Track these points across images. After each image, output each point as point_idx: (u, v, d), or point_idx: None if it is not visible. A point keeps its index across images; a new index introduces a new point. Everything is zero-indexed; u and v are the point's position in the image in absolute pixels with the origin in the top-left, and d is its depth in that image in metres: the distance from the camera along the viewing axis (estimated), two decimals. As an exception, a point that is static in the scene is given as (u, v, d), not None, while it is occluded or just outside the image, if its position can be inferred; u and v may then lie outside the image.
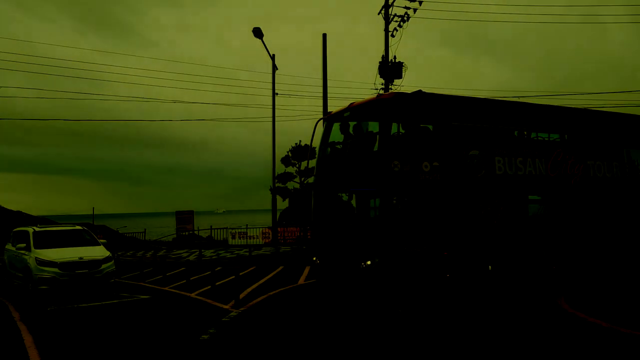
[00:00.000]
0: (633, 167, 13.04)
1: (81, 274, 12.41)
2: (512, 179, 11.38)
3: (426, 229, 10.40)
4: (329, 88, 23.78)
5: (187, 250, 27.97)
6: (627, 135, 13.50)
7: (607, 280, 11.93)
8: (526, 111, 12.54)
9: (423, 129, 11.83)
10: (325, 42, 23.99)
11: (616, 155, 12.90)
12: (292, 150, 24.27)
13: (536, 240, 11.60)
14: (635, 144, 13.38)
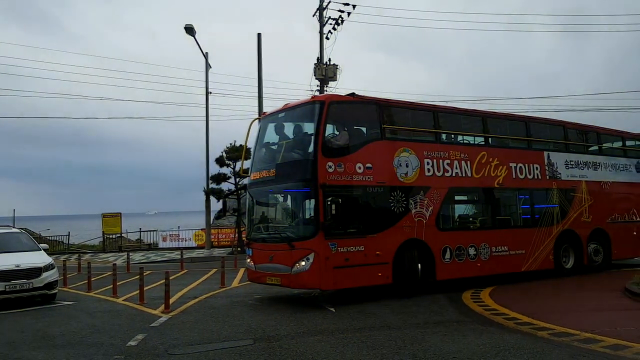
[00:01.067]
0: (552, 169, 13.89)
1: (18, 284, 11.10)
2: (440, 180, 11.78)
3: (361, 229, 10.56)
4: (264, 88, 23.66)
5: (115, 254, 26.94)
6: (547, 139, 14.38)
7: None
8: (454, 115, 13.05)
9: (357, 130, 12.06)
10: (260, 42, 23.87)
11: (537, 158, 13.69)
12: (227, 150, 23.91)
13: (463, 237, 12.11)
14: (555, 147, 14.27)
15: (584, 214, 14.27)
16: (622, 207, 15.41)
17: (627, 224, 15.36)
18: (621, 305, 9.66)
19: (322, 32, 23.48)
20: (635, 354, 6.18)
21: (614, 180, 15.26)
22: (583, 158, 14.66)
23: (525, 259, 12.97)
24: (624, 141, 16.27)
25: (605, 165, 15.17)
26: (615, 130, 16.21)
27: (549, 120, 14.97)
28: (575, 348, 6.58)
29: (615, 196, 15.27)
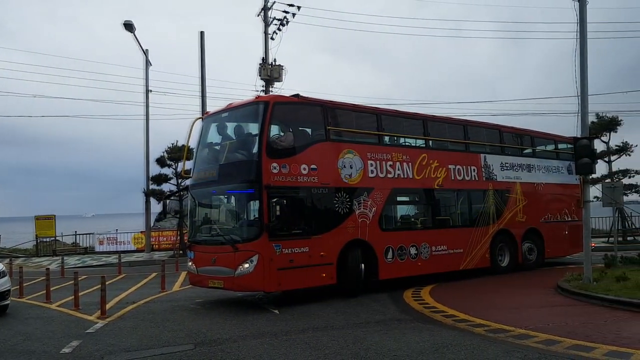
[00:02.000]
0: (489, 170, 14.41)
1: None
2: (383, 181, 11.97)
3: (306, 230, 10.56)
4: (208, 87, 23.30)
5: (49, 258, 25.68)
6: (484, 142, 14.92)
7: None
8: (396, 118, 13.28)
9: (301, 132, 12.06)
10: (202, 40, 23.48)
11: (474, 160, 14.16)
12: (168, 150, 23.33)
13: (405, 237, 12.38)
14: (491, 150, 14.83)
15: (518, 214, 14.90)
16: (555, 208, 16.20)
17: (559, 224, 16.15)
18: (553, 301, 10.13)
19: (267, 33, 23.36)
20: (566, 348, 6.48)
21: (547, 181, 16.03)
22: (517, 160, 15.32)
23: (463, 257, 13.41)
24: (556, 144, 17.09)
25: (538, 167, 15.89)
26: (548, 134, 17.04)
27: (485, 124, 15.54)
28: (510, 344, 6.84)
29: (548, 197, 16.04)
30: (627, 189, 23.47)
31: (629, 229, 24.17)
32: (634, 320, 8.04)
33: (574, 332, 7.31)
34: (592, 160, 10.68)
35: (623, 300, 9.05)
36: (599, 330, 7.40)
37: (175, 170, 23.40)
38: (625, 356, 6.01)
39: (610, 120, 23.16)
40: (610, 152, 23.58)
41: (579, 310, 9.09)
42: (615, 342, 6.66)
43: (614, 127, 23.21)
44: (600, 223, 26.50)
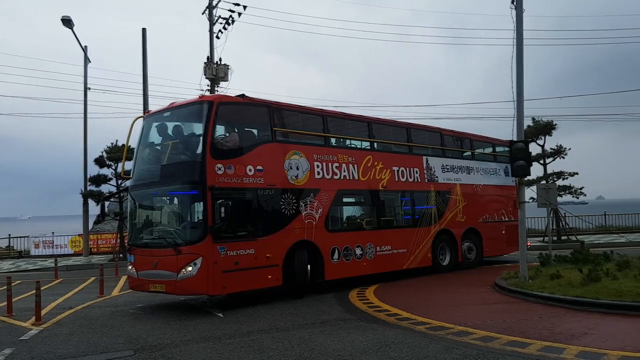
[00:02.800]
0: (431, 172, 14.78)
1: None
2: (329, 183, 12.03)
3: (251, 232, 10.45)
4: (152, 86, 22.68)
5: (-23, 263, 24.23)
6: (426, 144, 15.29)
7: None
8: (342, 120, 13.39)
9: (247, 132, 11.94)
10: (145, 38, 22.86)
11: (417, 163, 14.49)
12: (108, 150, 22.52)
13: (351, 238, 12.50)
14: (433, 152, 15.22)
15: (458, 215, 15.37)
16: (493, 208, 16.81)
17: (497, 224, 16.77)
18: (491, 299, 10.48)
19: (212, 31, 23.00)
20: (503, 344, 6.71)
21: (485, 183, 16.61)
22: (458, 163, 15.80)
23: (406, 257, 13.69)
24: (494, 147, 17.75)
25: (477, 169, 16.45)
26: (487, 137, 17.64)
27: (427, 127, 15.93)
28: (450, 341, 7.02)
29: (487, 198, 16.63)
30: (562, 190, 24.62)
31: (563, 229, 25.38)
32: (567, 316, 8.42)
33: (510, 328, 7.59)
34: (527, 163, 11.14)
35: (556, 297, 9.48)
36: (534, 326, 7.71)
37: (115, 170, 22.65)
38: (558, 351, 6.28)
39: (546, 125, 24.24)
40: (545, 155, 24.68)
41: (515, 307, 9.44)
42: (550, 337, 6.94)
43: (549, 131, 24.30)
44: (536, 223, 27.74)
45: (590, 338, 6.82)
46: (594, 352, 6.13)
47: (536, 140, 24.47)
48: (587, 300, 8.91)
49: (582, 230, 27.20)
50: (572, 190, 24.73)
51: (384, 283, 12.93)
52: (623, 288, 9.06)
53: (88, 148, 24.50)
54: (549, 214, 17.91)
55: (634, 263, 11.25)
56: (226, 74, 22.41)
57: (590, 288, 9.44)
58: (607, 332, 7.14)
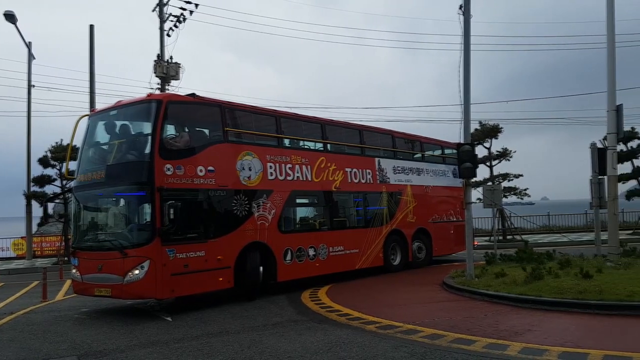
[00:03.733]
0: (383, 174, 14.99)
1: None
2: (282, 184, 12.00)
3: (202, 234, 10.28)
4: (101, 84, 22.02)
5: None
6: (378, 146, 15.49)
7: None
8: (296, 121, 13.38)
9: (198, 132, 11.75)
10: (92, 34, 22.17)
11: (369, 164, 14.66)
12: (52, 150, 21.65)
13: (304, 239, 12.50)
14: (385, 154, 15.42)
15: (409, 215, 15.66)
16: (442, 209, 17.22)
17: (446, 224, 17.19)
18: (439, 297, 10.72)
19: (163, 29, 22.50)
20: (450, 342, 6.88)
21: (435, 184, 17.00)
22: (409, 164, 16.10)
23: (359, 257, 13.82)
24: (443, 150, 18.18)
25: (427, 171, 16.81)
26: (436, 140, 18.05)
27: (379, 129, 16.13)
28: (399, 339, 7.13)
29: (436, 199, 17.01)
30: (507, 192, 25.49)
31: (508, 229, 26.28)
32: (511, 313, 8.72)
33: (457, 326, 7.79)
34: (473, 165, 11.46)
35: (501, 295, 9.79)
36: (479, 323, 7.93)
37: (60, 171, 21.81)
38: (502, 348, 6.48)
39: (492, 128, 25.06)
40: (491, 157, 25.50)
41: (462, 305, 9.70)
42: (494, 334, 7.17)
43: (496, 134, 25.14)
44: (482, 223, 28.59)
45: (532, 335, 7.08)
46: (537, 349, 6.36)
47: (483, 143, 25.25)
48: (530, 297, 9.24)
49: (526, 230, 28.27)
50: (517, 191, 25.66)
51: (336, 283, 13.00)
52: (564, 286, 9.45)
53: (32, 147, 23.57)
54: (495, 214, 18.51)
55: (575, 262, 11.78)
56: (177, 72, 21.97)
57: (533, 286, 9.80)
58: (549, 329, 7.43)
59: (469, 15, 11.48)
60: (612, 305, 8.30)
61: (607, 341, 6.62)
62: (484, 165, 25.37)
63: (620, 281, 9.34)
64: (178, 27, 22.54)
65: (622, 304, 8.27)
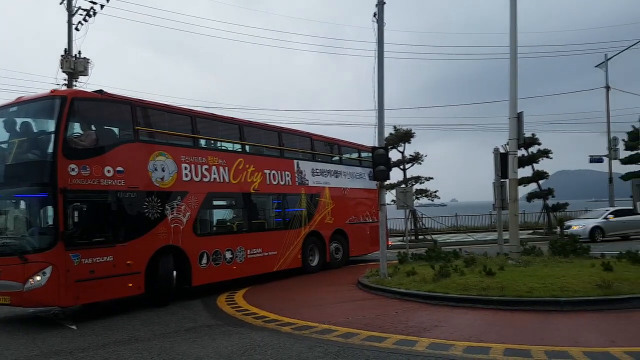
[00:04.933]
0: (302, 176, 15.08)
1: None
2: (198, 185, 11.73)
3: (110, 238, 9.81)
4: (2, 79, 20.31)
5: None
6: (297, 149, 15.57)
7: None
8: (213, 121, 13.13)
9: (107, 131, 11.21)
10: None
11: (288, 166, 14.70)
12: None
13: (221, 241, 12.26)
14: (304, 157, 15.53)
15: (327, 217, 15.88)
16: (359, 210, 17.62)
17: (362, 225, 17.60)
18: (354, 296, 10.95)
19: (71, 23, 21.23)
20: (362, 340, 7.05)
21: (352, 186, 17.36)
22: (327, 167, 16.34)
23: (277, 259, 13.82)
24: (359, 153, 18.61)
25: (344, 173, 17.14)
26: (353, 143, 18.45)
27: (298, 132, 16.23)
28: (314, 339, 7.20)
29: (353, 200, 17.39)
30: (419, 194, 26.59)
31: (420, 229, 27.40)
32: (421, 310, 9.09)
33: (370, 324, 8.00)
34: (387, 168, 11.84)
35: (411, 292, 10.19)
36: (391, 321, 8.20)
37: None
38: (411, 344, 6.74)
39: (405, 133, 26.04)
40: (405, 161, 26.48)
41: (375, 303, 9.97)
42: (404, 331, 7.45)
43: (409, 139, 26.16)
44: (396, 224, 29.61)
45: (440, 330, 7.43)
46: (443, 344, 6.67)
47: (397, 147, 26.18)
48: (438, 294, 9.69)
49: (436, 230, 29.61)
50: (428, 193, 26.84)
51: (254, 286, 12.90)
52: (469, 283, 10.00)
53: None
54: (407, 216, 19.24)
55: (479, 260, 12.49)
56: (86, 68, 20.82)
57: (441, 283, 10.28)
58: (455, 324, 7.81)
59: (383, 23, 11.85)
60: (512, 301, 8.88)
61: (508, 335, 7.06)
62: (397, 168, 26.32)
63: (521, 278, 10.01)
64: (88, 21, 21.38)
65: (522, 299, 8.87)
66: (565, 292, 8.85)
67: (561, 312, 8.32)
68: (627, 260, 11.61)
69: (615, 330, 7.12)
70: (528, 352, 6.13)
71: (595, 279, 9.33)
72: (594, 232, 22.56)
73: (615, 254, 12.37)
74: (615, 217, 22.93)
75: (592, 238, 22.12)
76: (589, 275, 9.81)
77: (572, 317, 7.98)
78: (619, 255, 12.13)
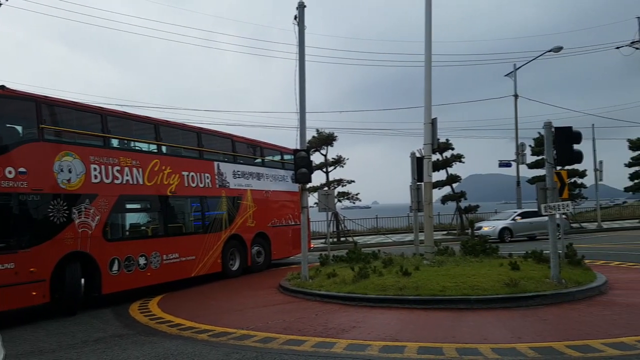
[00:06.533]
0: (222, 178, 14.76)
1: None
2: (109, 188, 11.14)
3: (11, 244, 9.08)
4: None
5: None
6: (218, 150, 15.23)
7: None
8: (126, 120, 12.51)
9: (8, 129, 10.37)
10: None
11: (208, 168, 14.33)
12: None
13: (134, 247, 11.73)
14: (225, 158, 15.23)
15: (249, 220, 15.66)
16: (281, 213, 17.53)
17: (285, 228, 17.52)
18: (275, 300, 10.84)
19: (-30, 9, 19.56)
20: (281, 344, 6.96)
21: (275, 189, 17.25)
22: (249, 169, 16.10)
23: (195, 264, 13.41)
24: (282, 155, 18.54)
25: (267, 175, 16.99)
26: (276, 145, 18.35)
27: (219, 133, 15.89)
28: (231, 346, 7.02)
29: (276, 203, 17.27)
30: (341, 196, 26.97)
31: (342, 231, 27.78)
32: (340, 312, 9.14)
33: (289, 327, 7.93)
34: (308, 170, 11.86)
35: (332, 294, 10.24)
36: (310, 323, 8.18)
37: None
38: (330, 345, 6.75)
39: (328, 136, 26.32)
40: (327, 164, 26.76)
41: (295, 306, 9.92)
42: (323, 333, 7.45)
43: (331, 142, 26.45)
44: (319, 226, 29.85)
45: (358, 331, 7.50)
46: (361, 344, 6.74)
47: (320, 150, 26.40)
48: (357, 295, 9.81)
49: (358, 232, 30.17)
50: (350, 196, 27.28)
51: (170, 292, 12.44)
52: (387, 283, 10.21)
53: None
54: (329, 218, 19.42)
55: (397, 260, 12.82)
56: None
57: (360, 284, 10.43)
58: (372, 325, 7.92)
59: (304, 26, 11.88)
60: (427, 300, 9.17)
61: (422, 333, 7.25)
62: (320, 171, 26.52)
63: (434, 277, 10.37)
64: (-12, 9, 19.75)
65: (435, 298, 9.18)
66: (476, 291, 9.25)
67: (472, 310, 8.69)
68: (532, 259, 12.38)
69: (522, 326, 7.52)
70: (440, 350, 6.32)
71: (503, 278, 9.84)
72: (503, 233, 23.89)
73: (522, 254, 13.15)
74: (522, 219, 24.40)
75: (501, 238, 23.43)
76: (498, 274, 10.33)
77: (482, 315, 8.35)
78: (525, 255, 12.91)
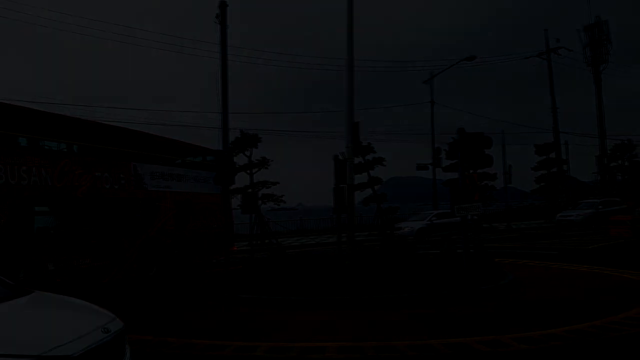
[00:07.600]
0: (139, 179, 14.11)
1: None
2: (15, 189, 10.35)
3: None
4: None
5: None
6: (135, 150, 14.54)
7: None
8: (34, 118, 11.67)
9: None
10: None
11: (124, 168, 13.66)
12: None
13: (46, 250, 11.06)
14: (142, 159, 14.54)
15: (168, 223, 15.10)
16: (204, 215, 17.01)
17: (208, 231, 17.02)
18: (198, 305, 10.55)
19: None
20: (201, 349, 6.78)
21: (197, 191, 16.72)
22: (169, 170, 15.51)
23: (109, 270, 12.72)
24: (204, 156, 18.07)
25: (188, 177, 16.45)
26: (198, 146, 17.84)
27: (137, 132, 15.23)
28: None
29: (198, 205, 16.75)
30: (265, 198, 26.84)
31: (267, 233, 27.63)
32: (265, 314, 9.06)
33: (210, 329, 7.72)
34: (231, 172, 11.69)
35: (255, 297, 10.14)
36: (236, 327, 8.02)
37: None
38: (253, 349, 6.66)
39: (252, 137, 26.12)
40: (252, 165, 26.53)
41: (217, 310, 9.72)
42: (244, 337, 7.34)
43: (255, 144, 26.27)
44: (244, 228, 29.51)
45: (277, 335, 7.47)
46: (283, 347, 6.70)
47: (244, 151, 26.13)
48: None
49: (284, 233, 30.18)
50: (274, 198, 27.23)
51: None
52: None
53: None
54: (253, 220, 19.25)
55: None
56: None
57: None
58: (295, 326, 7.91)
59: (226, 25, 11.71)
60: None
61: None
62: (244, 172, 26.25)
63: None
64: None
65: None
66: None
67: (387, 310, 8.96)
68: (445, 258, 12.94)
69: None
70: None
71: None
72: (421, 233, 24.81)
73: (437, 252, 13.73)
74: (438, 219, 25.46)
75: (418, 238, 24.31)
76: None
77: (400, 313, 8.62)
78: (438, 253, 13.50)
